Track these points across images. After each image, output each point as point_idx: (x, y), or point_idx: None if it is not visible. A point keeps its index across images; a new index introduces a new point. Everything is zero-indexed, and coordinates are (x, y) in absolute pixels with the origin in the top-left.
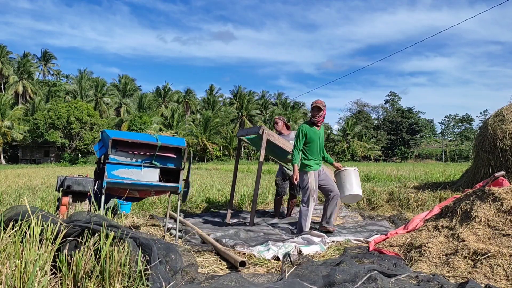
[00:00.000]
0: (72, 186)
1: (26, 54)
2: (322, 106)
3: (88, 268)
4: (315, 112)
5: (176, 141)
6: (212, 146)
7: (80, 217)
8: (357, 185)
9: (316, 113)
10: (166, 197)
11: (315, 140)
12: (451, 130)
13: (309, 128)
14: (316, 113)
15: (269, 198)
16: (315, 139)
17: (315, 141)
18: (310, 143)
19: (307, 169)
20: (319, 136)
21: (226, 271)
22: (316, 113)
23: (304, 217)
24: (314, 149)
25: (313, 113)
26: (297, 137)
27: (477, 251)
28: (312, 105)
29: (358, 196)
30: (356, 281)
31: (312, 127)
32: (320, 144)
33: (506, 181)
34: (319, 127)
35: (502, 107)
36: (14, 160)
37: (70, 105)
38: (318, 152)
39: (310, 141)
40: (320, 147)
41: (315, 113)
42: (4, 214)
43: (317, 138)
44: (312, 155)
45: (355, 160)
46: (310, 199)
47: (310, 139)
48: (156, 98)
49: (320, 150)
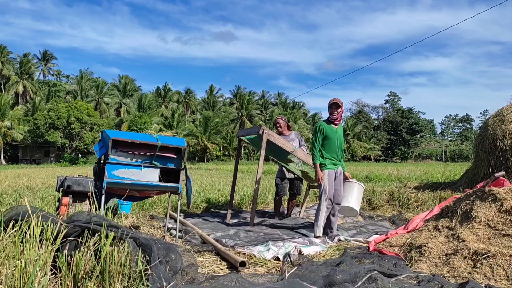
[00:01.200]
0: (72, 186)
1: (27, 54)
2: (340, 103)
3: (88, 268)
4: (333, 110)
5: (176, 141)
6: (212, 146)
7: (80, 217)
8: (356, 200)
9: (334, 110)
10: (166, 197)
11: (333, 138)
12: (451, 130)
13: (326, 125)
14: (334, 110)
15: (269, 198)
16: (333, 138)
17: (332, 140)
18: (327, 141)
19: (321, 168)
20: (337, 135)
21: (226, 271)
22: (334, 110)
23: (317, 215)
24: (331, 148)
25: (330, 111)
26: (314, 135)
27: (477, 251)
28: (330, 102)
29: (354, 211)
30: (356, 281)
31: (329, 125)
32: (338, 143)
33: (506, 182)
34: (337, 125)
35: (502, 107)
36: (14, 160)
37: (70, 105)
38: (336, 151)
39: (327, 140)
40: (339, 147)
41: (333, 111)
42: (4, 214)
43: (335, 137)
44: (328, 154)
45: (355, 160)
46: (323, 198)
47: (327, 138)
48: (156, 98)
49: (339, 150)
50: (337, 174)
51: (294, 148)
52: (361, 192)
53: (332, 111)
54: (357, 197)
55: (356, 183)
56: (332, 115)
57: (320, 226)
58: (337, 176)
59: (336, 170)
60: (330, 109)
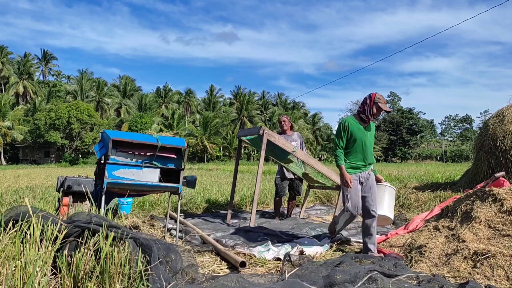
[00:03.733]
0: (73, 187)
1: (27, 54)
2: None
3: (88, 268)
4: (378, 109)
5: (176, 141)
6: (213, 146)
7: (80, 217)
8: (387, 206)
9: (379, 110)
10: (166, 198)
11: (359, 138)
12: (452, 131)
13: (353, 122)
14: (379, 110)
15: (269, 198)
16: (360, 137)
17: (358, 140)
18: (351, 141)
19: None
20: (366, 134)
21: (226, 272)
22: (379, 110)
23: (337, 221)
24: (356, 149)
25: (372, 108)
26: (337, 133)
27: (478, 252)
28: (377, 98)
29: (388, 219)
30: (356, 281)
31: (356, 122)
32: (366, 145)
33: (506, 182)
34: (367, 124)
35: (502, 108)
36: (14, 160)
37: (70, 106)
38: (362, 153)
39: (352, 140)
40: (366, 148)
41: (377, 110)
42: (5, 214)
43: (363, 136)
44: (350, 156)
45: None
46: (347, 205)
47: (353, 137)
48: (156, 99)
49: (366, 152)
50: (363, 178)
51: (295, 149)
52: (393, 196)
53: (374, 109)
54: (389, 203)
55: (387, 187)
56: (369, 113)
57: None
58: (364, 181)
59: (361, 174)
60: (373, 105)
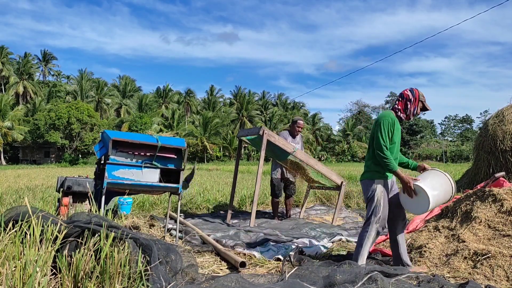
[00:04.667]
0: (73, 187)
1: (27, 54)
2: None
3: (88, 268)
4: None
5: (176, 141)
6: (212, 146)
7: (80, 217)
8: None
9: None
10: (166, 198)
11: (398, 140)
12: (452, 131)
13: (396, 120)
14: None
15: (269, 198)
16: (398, 139)
17: (397, 142)
18: (391, 142)
19: (375, 176)
20: (400, 134)
21: (226, 272)
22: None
23: (361, 243)
24: (393, 150)
25: (400, 105)
26: (383, 129)
27: (478, 252)
28: (419, 95)
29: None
30: (356, 281)
31: (396, 120)
32: (398, 146)
33: (506, 182)
34: (400, 122)
35: (502, 108)
36: (14, 160)
37: (70, 106)
38: (397, 155)
39: (392, 141)
40: (398, 153)
41: (418, 108)
42: (5, 215)
43: (399, 139)
44: None
45: (355, 161)
46: (373, 219)
47: (393, 138)
48: (156, 99)
49: (397, 157)
50: (391, 187)
51: (295, 149)
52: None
53: (418, 108)
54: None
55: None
56: (412, 112)
57: (364, 254)
58: (393, 185)
59: (393, 179)
60: (418, 103)
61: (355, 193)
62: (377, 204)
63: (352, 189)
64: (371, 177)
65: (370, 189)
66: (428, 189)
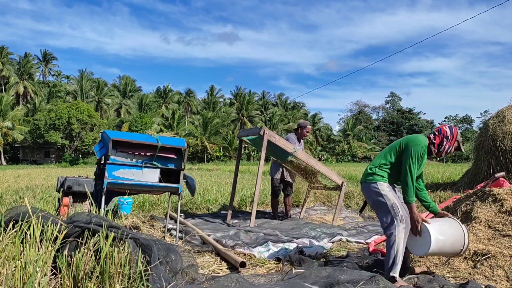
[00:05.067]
0: (73, 187)
1: (27, 54)
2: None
3: (88, 268)
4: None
5: (176, 141)
6: (212, 146)
7: (81, 217)
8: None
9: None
10: (166, 198)
11: (421, 168)
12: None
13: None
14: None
15: (269, 198)
16: (421, 168)
17: (420, 171)
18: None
19: (377, 179)
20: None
21: (226, 272)
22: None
23: (390, 253)
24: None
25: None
26: (415, 157)
27: (478, 252)
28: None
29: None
30: (357, 281)
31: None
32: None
33: (506, 182)
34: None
35: (502, 108)
36: (14, 160)
37: (70, 106)
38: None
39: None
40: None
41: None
42: (5, 215)
43: (422, 169)
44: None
45: (355, 161)
46: (396, 221)
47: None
48: (156, 99)
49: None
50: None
51: (295, 149)
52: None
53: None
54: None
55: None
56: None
57: (397, 264)
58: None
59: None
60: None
61: (355, 193)
62: (392, 203)
63: (353, 189)
64: (374, 180)
65: (376, 191)
66: (433, 232)
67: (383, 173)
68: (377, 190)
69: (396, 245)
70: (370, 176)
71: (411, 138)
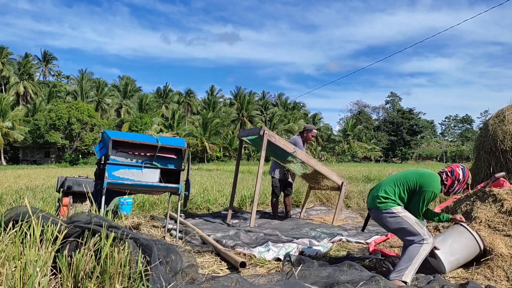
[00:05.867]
0: (73, 187)
1: (27, 55)
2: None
3: (88, 268)
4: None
5: (176, 142)
6: (213, 147)
7: (81, 217)
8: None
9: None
10: (166, 198)
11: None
12: (452, 131)
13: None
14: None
15: (269, 199)
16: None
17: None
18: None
19: (391, 206)
20: None
21: (226, 272)
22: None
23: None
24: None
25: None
26: (428, 198)
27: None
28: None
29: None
30: (357, 282)
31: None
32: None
33: (506, 182)
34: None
35: (502, 108)
36: (14, 160)
37: (70, 106)
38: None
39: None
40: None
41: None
42: (5, 215)
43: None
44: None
45: (355, 161)
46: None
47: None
48: (156, 99)
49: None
50: None
51: (295, 149)
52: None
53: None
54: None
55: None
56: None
57: (413, 270)
58: None
59: None
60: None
61: (356, 194)
62: (414, 220)
63: (352, 189)
64: (387, 207)
65: (393, 216)
66: (445, 257)
67: (393, 201)
68: (393, 215)
69: (418, 255)
70: (381, 203)
71: (426, 182)
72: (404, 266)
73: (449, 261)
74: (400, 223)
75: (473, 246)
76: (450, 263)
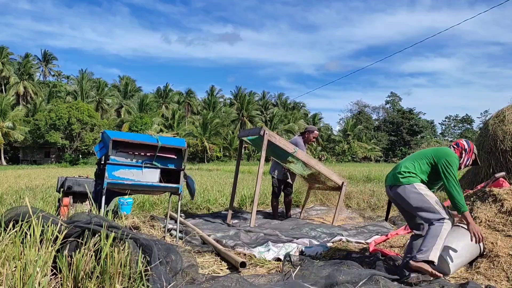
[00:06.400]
0: (73, 187)
1: (27, 55)
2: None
3: (88, 268)
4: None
5: (176, 141)
6: (213, 147)
7: (81, 218)
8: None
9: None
10: (166, 198)
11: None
12: (452, 131)
13: None
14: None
15: (269, 199)
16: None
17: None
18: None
19: (413, 181)
20: None
21: (226, 272)
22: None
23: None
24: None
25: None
26: (454, 165)
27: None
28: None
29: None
30: (357, 282)
31: None
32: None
33: (506, 182)
34: None
35: (502, 108)
36: (14, 161)
37: (71, 106)
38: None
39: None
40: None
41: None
42: (5, 215)
43: None
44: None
45: (355, 161)
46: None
47: None
48: (156, 99)
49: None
50: None
51: (295, 149)
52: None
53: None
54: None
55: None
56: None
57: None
58: None
59: None
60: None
61: (356, 194)
62: (436, 199)
63: (353, 189)
64: (410, 181)
65: (415, 191)
66: (449, 259)
67: (415, 175)
68: (415, 191)
69: (442, 235)
70: (404, 178)
71: (443, 152)
72: (428, 246)
73: (455, 263)
74: (422, 200)
75: (474, 247)
76: (455, 265)
